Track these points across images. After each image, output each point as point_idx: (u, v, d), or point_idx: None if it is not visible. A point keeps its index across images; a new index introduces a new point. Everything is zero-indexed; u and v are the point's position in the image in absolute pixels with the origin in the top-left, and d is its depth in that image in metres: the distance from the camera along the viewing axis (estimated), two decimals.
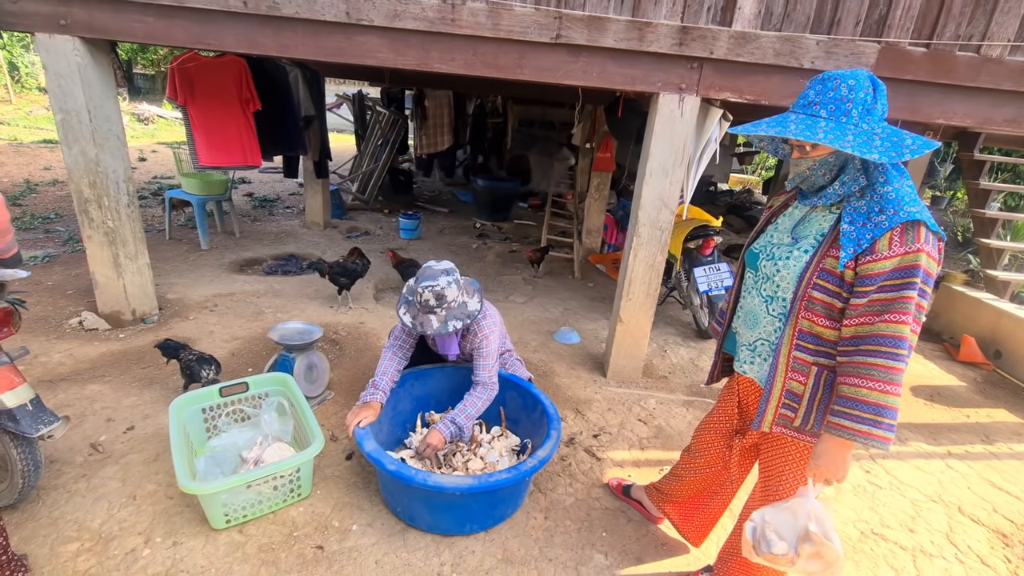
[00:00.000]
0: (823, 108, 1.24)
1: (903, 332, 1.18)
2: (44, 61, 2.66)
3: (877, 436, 1.20)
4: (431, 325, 2.02)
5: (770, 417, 1.41)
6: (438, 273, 2.04)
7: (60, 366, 2.80)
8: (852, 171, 1.28)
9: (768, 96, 2.67)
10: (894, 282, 1.18)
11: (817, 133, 1.19)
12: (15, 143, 9.11)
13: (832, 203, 1.34)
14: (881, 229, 1.19)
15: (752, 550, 1.38)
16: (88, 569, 1.72)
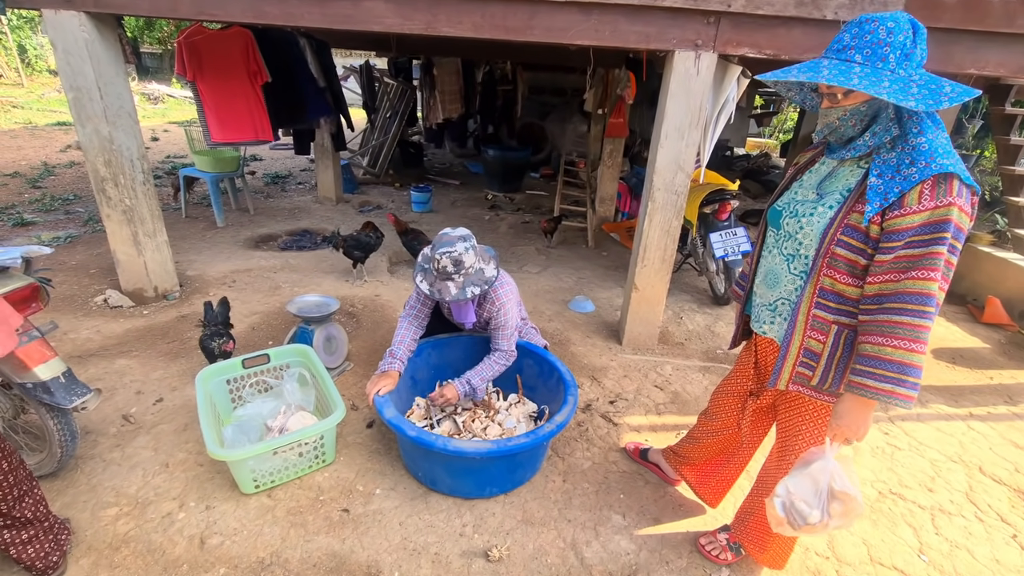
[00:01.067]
0: (858, 52, 1.17)
1: (931, 289, 1.15)
2: (52, 38, 2.65)
3: (901, 395, 1.18)
4: (449, 292, 2.03)
5: (787, 375, 1.40)
6: (455, 239, 2.04)
7: (89, 342, 2.88)
8: (884, 120, 1.22)
9: (788, 51, 2.56)
10: (923, 237, 1.14)
11: (851, 79, 1.13)
12: (30, 126, 9.20)
13: (861, 156, 1.28)
14: (910, 182, 1.14)
15: (788, 525, 1.36)
16: (128, 531, 1.81)
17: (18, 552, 1.52)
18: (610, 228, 5.65)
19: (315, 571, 1.72)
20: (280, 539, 1.82)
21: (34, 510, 1.52)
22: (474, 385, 2.16)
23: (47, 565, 1.57)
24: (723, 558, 1.81)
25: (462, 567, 1.77)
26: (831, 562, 1.88)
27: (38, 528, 1.54)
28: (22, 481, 1.49)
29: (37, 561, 1.55)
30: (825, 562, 1.88)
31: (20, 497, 1.48)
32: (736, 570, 1.81)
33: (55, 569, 1.59)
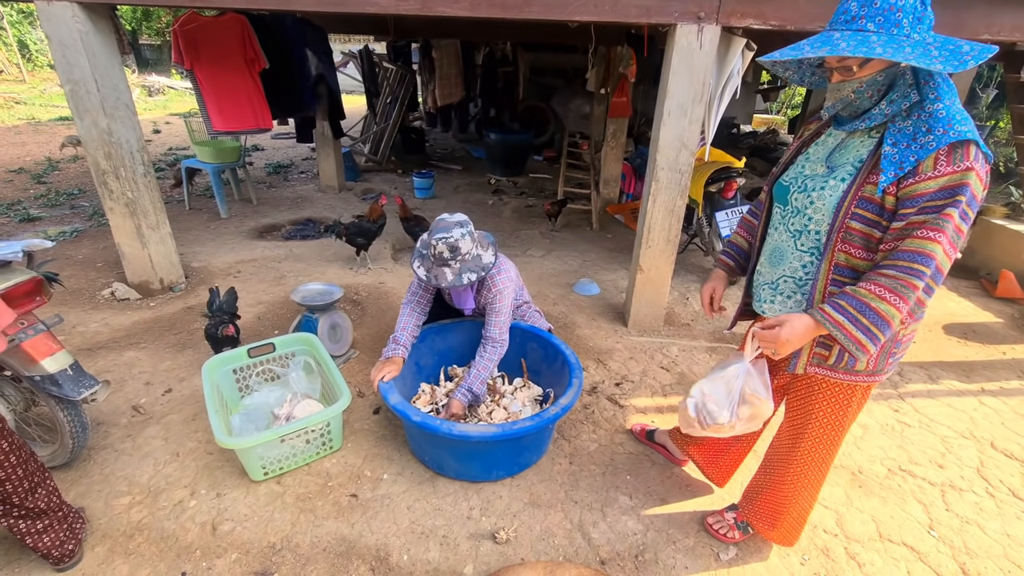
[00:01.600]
0: (870, 21, 1.11)
1: (932, 250, 1.11)
2: (47, 31, 2.63)
3: (866, 349, 1.19)
4: (445, 278, 2.02)
5: (805, 359, 1.38)
6: (451, 225, 2.02)
7: (97, 335, 2.91)
8: (903, 87, 1.17)
9: (795, 20, 2.48)
10: (936, 203, 1.10)
11: (874, 48, 1.07)
12: (33, 122, 9.21)
13: (874, 126, 1.23)
14: (927, 150, 1.10)
15: (697, 424, 1.43)
16: (141, 519, 1.84)
17: (34, 541, 1.55)
18: (614, 210, 5.59)
19: (325, 555, 1.74)
20: (290, 524, 1.84)
21: (47, 501, 1.55)
22: (475, 391, 2.14)
23: (63, 553, 1.60)
24: (731, 536, 1.81)
25: (470, 549, 1.79)
26: (839, 539, 1.88)
27: (52, 518, 1.57)
28: (33, 473, 1.51)
29: (53, 549, 1.58)
30: (833, 539, 1.88)
31: (32, 489, 1.51)
32: (743, 548, 1.82)
33: (71, 557, 1.63)
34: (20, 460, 1.45)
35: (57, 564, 1.62)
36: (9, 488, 1.45)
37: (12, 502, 1.48)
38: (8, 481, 1.44)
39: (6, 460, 1.41)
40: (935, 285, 1.15)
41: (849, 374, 1.36)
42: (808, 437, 1.52)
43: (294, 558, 1.73)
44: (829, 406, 1.45)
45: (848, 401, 1.43)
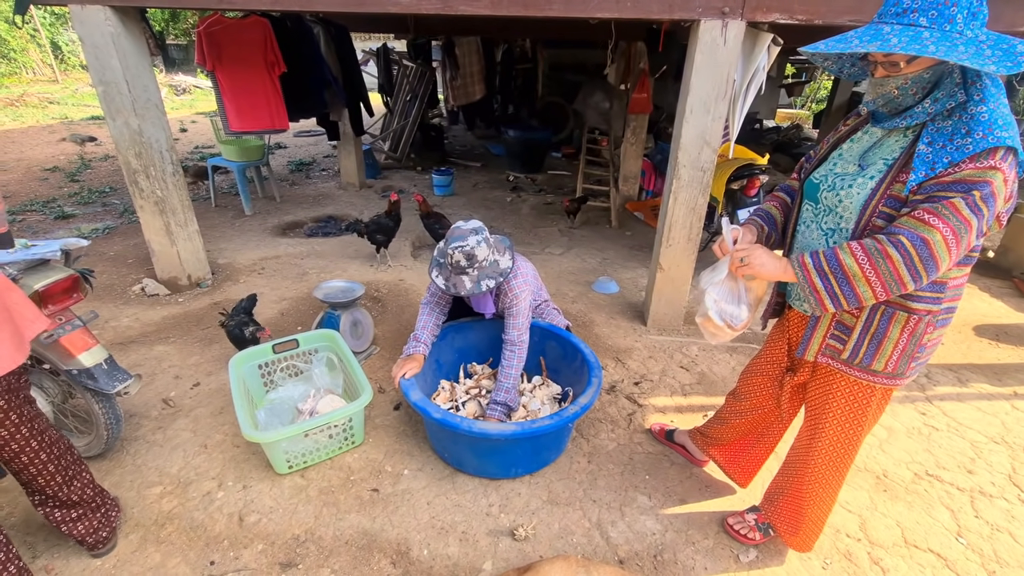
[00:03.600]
0: (923, 15, 1.07)
1: (925, 233, 1.08)
2: (80, 33, 2.71)
3: (819, 294, 1.21)
4: (464, 286, 2.03)
5: (816, 346, 1.37)
6: (467, 233, 2.03)
7: (128, 329, 3.00)
8: (949, 86, 1.13)
9: (823, 15, 2.43)
10: (946, 193, 1.08)
11: (927, 46, 1.03)
12: (66, 121, 9.50)
13: (914, 124, 1.19)
14: (963, 153, 1.06)
15: (728, 329, 1.45)
16: (172, 509, 1.90)
17: (69, 528, 1.62)
18: (634, 207, 5.55)
19: (347, 548, 1.78)
20: (314, 517, 1.89)
21: (81, 492, 1.61)
22: (503, 401, 2.13)
23: (97, 540, 1.67)
24: (751, 538, 1.80)
25: (489, 545, 1.81)
26: (863, 544, 1.85)
27: (86, 508, 1.63)
28: (70, 466, 1.57)
29: (87, 537, 1.65)
30: (856, 544, 1.85)
31: (67, 482, 1.57)
32: (764, 551, 1.80)
33: (104, 544, 1.69)
34: (51, 456, 1.50)
35: (92, 550, 1.68)
36: (42, 482, 1.52)
37: (46, 493, 1.55)
38: (40, 476, 1.50)
39: (36, 458, 1.47)
40: (925, 272, 1.11)
41: (866, 373, 1.34)
42: (825, 436, 1.50)
43: (317, 550, 1.77)
44: (846, 405, 1.43)
45: (866, 402, 1.40)
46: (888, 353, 1.29)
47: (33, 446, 1.46)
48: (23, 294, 1.39)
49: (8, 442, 1.41)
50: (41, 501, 1.57)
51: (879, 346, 1.29)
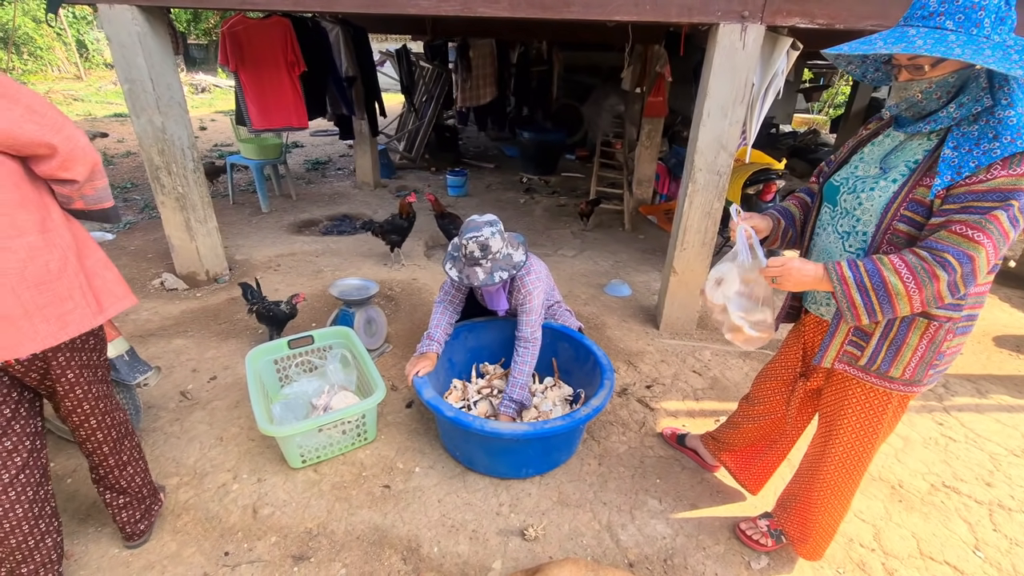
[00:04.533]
0: (949, 19, 1.06)
1: (972, 250, 1.06)
2: (107, 32, 2.77)
3: (856, 310, 1.17)
4: (477, 277, 2.04)
5: (833, 353, 1.36)
6: (481, 225, 2.04)
7: (148, 323, 3.06)
8: (975, 91, 1.11)
9: (844, 19, 2.41)
10: (983, 204, 1.06)
11: (952, 48, 1.02)
12: (90, 118, 9.70)
13: (938, 128, 1.18)
14: (990, 157, 1.05)
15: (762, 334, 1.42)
16: (188, 500, 1.94)
17: (114, 512, 1.67)
18: (647, 211, 5.53)
19: (359, 543, 1.80)
20: (326, 511, 1.91)
21: (130, 480, 1.65)
22: (517, 398, 2.14)
23: (134, 531, 1.71)
24: (763, 544, 1.78)
25: (499, 544, 1.81)
26: (877, 554, 1.83)
27: (132, 497, 1.68)
28: (125, 451, 1.61)
29: (127, 526, 1.69)
30: (871, 554, 1.83)
31: (121, 465, 1.61)
32: (775, 558, 1.79)
33: (141, 536, 1.73)
34: (108, 438, 1.55)
35: (127, 539, 1.72)
36: (97, 460, 1.57)
37: (99, 472, 1.60)
38: (95, 454, 1.56)
39: (93, 435, 1.52)
40: (964, 287, 1.10)
41: (883, 379, 1.32)
42: (838, 443, 1.49)
43: (329, 544, 1.79)
44: (861, 411, 1.41)
45: (882, 409, 1.39)
46: (906, 360, 1.27)
47: (92, 424, 1.50)
48: (117, 272, 1.45)
49: (73, 411, 1.45)
50: (96, 479, 1.63)
51: (897, 352, 1.27)
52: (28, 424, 1.39)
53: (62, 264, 1.26)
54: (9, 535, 1.37)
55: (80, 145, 1.25)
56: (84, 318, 1.31)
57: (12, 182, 1.17)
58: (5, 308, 1.17)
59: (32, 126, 1.15)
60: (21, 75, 13.19)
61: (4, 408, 1.32)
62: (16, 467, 1.36)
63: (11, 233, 1.17)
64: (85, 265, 1.34)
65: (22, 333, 1.20)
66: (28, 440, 1.39)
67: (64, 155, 1.21)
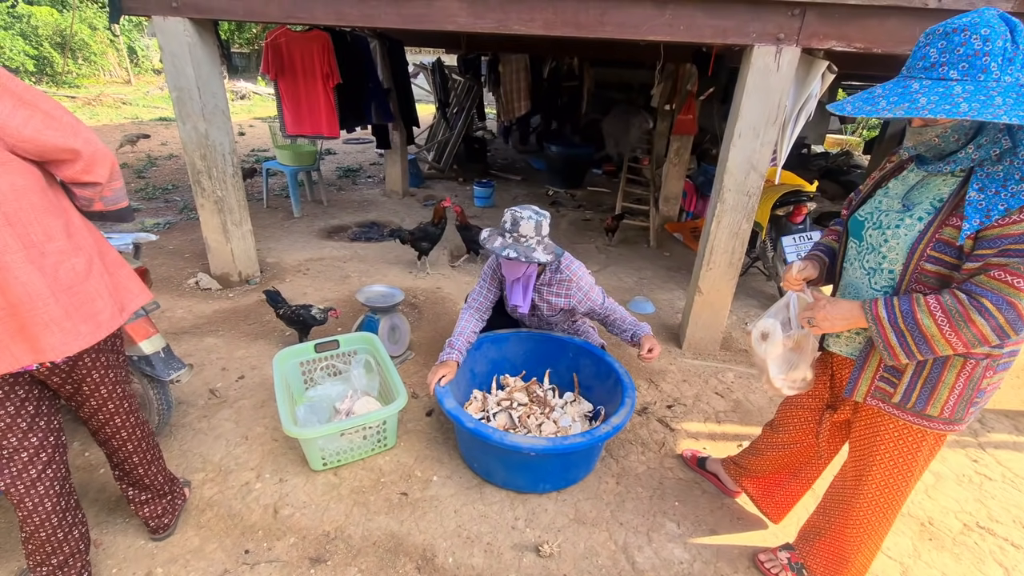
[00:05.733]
0: (952, 69, 1.02)
1: (1014, 298, 1.02)
2: (160, 42, 2.92)
3: (894, 351, 1.16)
4: (494, 243, 2.06)
5: (864, 388, 1.32)
6: (526, 206, 2.11)
7: (182, 320, 3.17)
8: (993, 132, 1.09)
9: (882, 43, 2.38)
10: (1021, 247, 1.03)
11: (958, 105, 0.98)
12: (136, 121, 10.15)
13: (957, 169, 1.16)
14: (1019, 200, 1.03)
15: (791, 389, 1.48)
16: (212, 496, 1.99)
17: (137, 508, 1.72)
18: (673, 228, 5.49)
19: (375, 549, 1.82)
20: (344, 515, 1.94)
21: (153, 478, 1.71)
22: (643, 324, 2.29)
23: (158, 525, 1.76)
24: None
25: (513, 559, 1.81)
26: None
27: (155, 493, 1.73)
28: (148, 450, 1.67)
29: (151, 520, 1.75)
30: None
31: (145, 463, 1.66)
32: None
33: (165, 530, 1.78)
34: (132, 436, 1.60)
35: (153, 533, 1.78)
36: (121, 457, 1.62)
37: (124, 469, 1.65)
38: (121, 451, 1.61)
39: (117, 434, 1.57)
40: (1013, 332, 1.06)
41: (920, 418, 1.28)
42: (872, 480, 1.44)
43: (346, 548, 1.82)
44: (895, 448, 1.37)
45: (917, 446, 1.34)
46: (944, 398, 1.24)
47: (116, 422, 1.55)
48: (131, 269, 1.49)
49: (98, 410, 1.50)
50: (119, 476, 1.68)
51: (933, 390, 1.23)
52: (51, 421, 1.44)
53: (88, 266, 1.29)
54: (39, 528, 1.42)
55: (99, 148, 1.26)
56: (112, 317, 1.34)
57: (39, 188, 1.20)
58: (49, 311, 1.20)
59: (53, 132, 1.17)
60: (76, 78, 13.89)
61: (28, 406, 1.36)
62: (42, 463, 1.41)
63: (43, 239, 1.20)
64: (107, 264, 1.38)
65: (66, 333, 1.24)
66: (52, 436, 1.43)
67: (87, 158, 1.23)
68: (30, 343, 1.20)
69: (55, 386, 1.40)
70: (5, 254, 1.14)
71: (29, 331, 1.19)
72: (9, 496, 1.38)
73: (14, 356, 1.20)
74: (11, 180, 1.14)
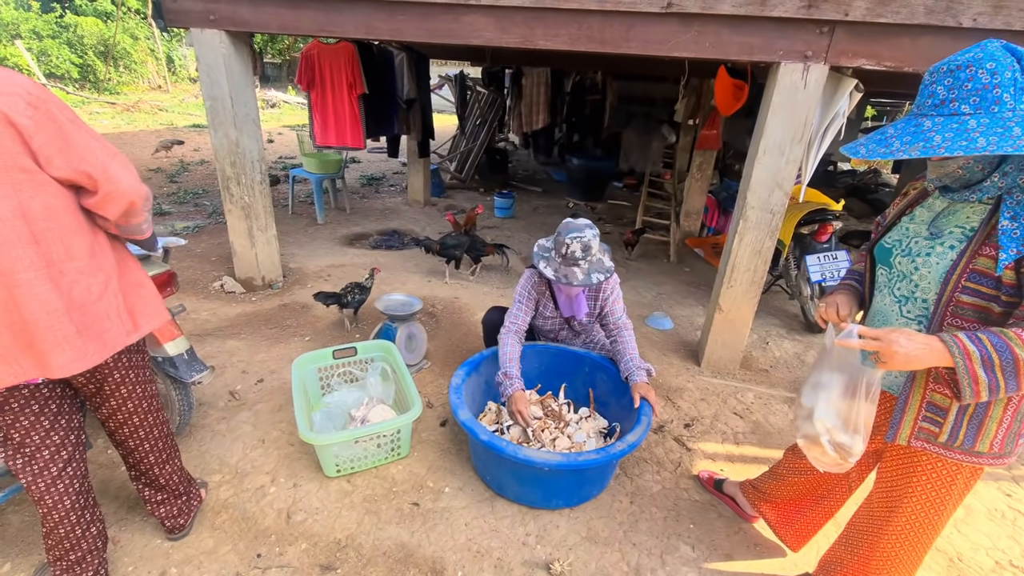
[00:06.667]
0: (963, 103, 1.01)
1: None
2: (197, 53, 3.02)
3: (978, 387, 1.03)
4: (576, 277, 2.06)
5: (907, 431, 1.26)
6: (583, 226, 2.09)
7: (207, 323, 3.24)
8: (1018, 160, 1.06)
9: (913, 62, 2.34)
10: None
11: (975, 140, 0.96)
12: (171, 127, 10.49)
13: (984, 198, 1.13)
14: None
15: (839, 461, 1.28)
16: (228, 498, 2.01)
17: (153, 508, 1.75)
18: (694, 243, 5.44)
19: (385, 559, 1.81)
20: (356, 523, 1.94)
21: (169, 478, 1.74)
22: (646, 367, 2.20)
23: (174, 525, 1.79)
24: None
25: None
26: None
27: (171, 493, 1.76)
28: (164, 450, 1.70)
29: (167, 520, 1.77)
30: None
31: (161, 463, 1.69)
32: None
33: (181, 530, 1.81)
34: (150, 436, 1.63)
35: (169, 533, 1.81)
36: (138, 457, 1.65)
37: (140, 470, 1.68)
38: (137, 451, 1.63)
39: (136, 433, 1.60)
40: None
41: (969, 455, 1.21)
42: (903, 514, 1.38)
43: (356, 557, 1.82)
44: (929, 483, 1.31)
45: (952, 480, 1.28)
46: (992, 433, 1.18)
47: (135, 422, 1.57)
48: (153, 289, 1.52)
49: (117, 409, 1.53)
50: (135, 476, 1.71)
51: (980, 427, 1.18)
52: (72, 419, 1.47)
53: (103, 287, 1.32)
54: (59, 525, 1.46)
55: (120, 188, 1.26)
56: (119, 337, 1.37)
57: (71, 209, 1.24)
58: (64, 329, 1.23)
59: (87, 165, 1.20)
60: (116, 85, 14.46)
61: (52, 404, 1.39)
62: (63, 460, 1.44)
63: (64, 258, 1.23)
64: (123, 286, 1.40)
65: (76, 351, 1.27)
66: (72, 435, 1.46)
67: (101, 196, 1.24)
68: (37, 358, 1.23)
69: (78, 384, 1.43)
70: (29, 271, 1.17)
71: (38, 347, 1.22)
72: (29, 492, 1.42)
73: (22, 368, 1.23)
74: (45, 201, 1.18)
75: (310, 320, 3.36)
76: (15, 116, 1.09)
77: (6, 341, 1.20)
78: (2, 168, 1.10)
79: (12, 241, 1.14)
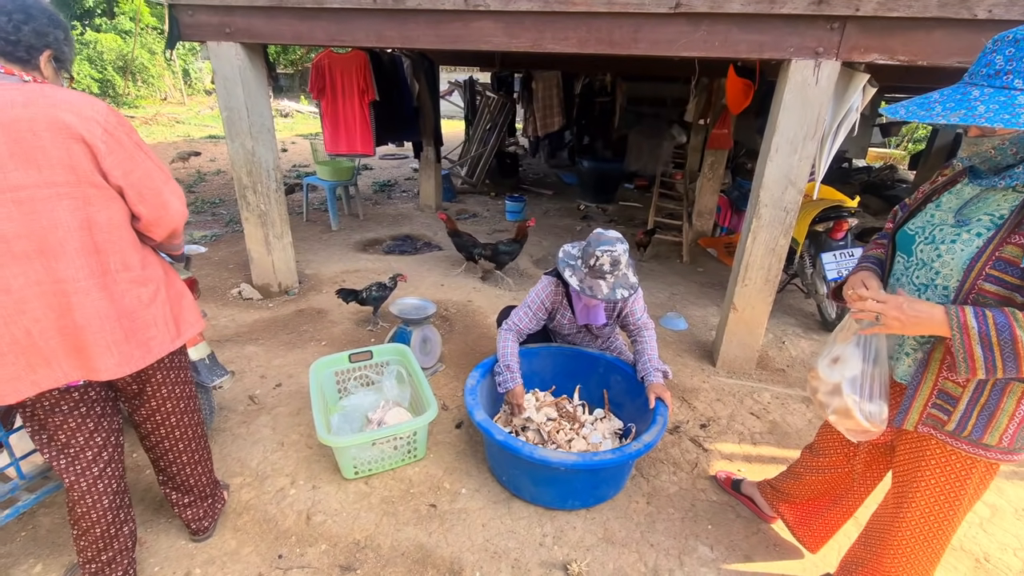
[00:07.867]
0: (1018, 78, 0.97)
1: None
2: (213, 66, 3.09)
3: (974, 364, 1.05)
4: (601, 290, 2.05)
5: (915, 416, 1.25)
6: (614, 240, 2.08)
7: (225, 329, 3.30)
8: None
9: (927, 56, 2.31)
10: None
11: (1019, 116, 0.94)
12: (188, 139, 10.71)
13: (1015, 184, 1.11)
14: None
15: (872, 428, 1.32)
16: (249, 500, 2.05)
17: (180, 511, 1.79)
18: (707, 243, 5.40)
19: (403, 560, 1.83)
20: (374, 525, 1.96)
21: (197, 480, 1.77)
22: (663, 368, 2.21)
23: (199, 528, 1.83)
24: None
25: None
26: None
27: (197, 496, 1.80)
28: (195, 452, 1.73)
29: (191, 522, 1.81)
30: None
31: (192, 465, 1.72)
32: None
33: (205, 532, 1.85)
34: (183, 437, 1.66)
35: (194, 535, 1.84)
36: (169, 459, 1.68)
37: (169, 473, 1.72)
38: (170, 453, 1.66)
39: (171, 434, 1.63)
40: None
41: (976, 447, 1.20)
42: (914, 508, 1.35)
43: (375, 558, 1.84)
44: (941, 475, 1.29)
45: (966, 474, 1.26)
46: (1003, 426, 1.17)
47: (172, 422, 1.60)
48: (192, 299, 1.58)
49: (156, 410, 1.56)
50: (164, 480, 1.75)
51: (991, 418, 1.16)
52: (113, 421, 1.52)
53: (153, 296, 1.39)
54: (95, 525, 1.50)
55: (169, 213, 1.36)
56: (164, 343, 1.43)
57: (129, 223, 1.34)
58: (113, 334, 1.30)
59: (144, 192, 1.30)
60: (135, 99, 14.80)
61: (97, 406, 1.44)
62: (104, 461, 1.48)
63: (120, 268, 1.31)
64: (170, 295, 1.47)
65: (122, 355, 1.33)
66: (113, 436, 1.51)
67: (152, 219, 1.35)
68: (83, 360, 1.29)
69: (122, 384, 1.48)
70: (89, 278, 1.25)
71: (87, 351, 1.28)
72: (70, 492, 1.46)
73: (64, 371, 1.28)
74: (110, 215, 1.27)
75: (326, 325, 3.41)
76: (91, 139, 1.18)
77: (53, 345, 1.25)
78: (77, 183, 1.19)
79: (77, 250, 1.22)
